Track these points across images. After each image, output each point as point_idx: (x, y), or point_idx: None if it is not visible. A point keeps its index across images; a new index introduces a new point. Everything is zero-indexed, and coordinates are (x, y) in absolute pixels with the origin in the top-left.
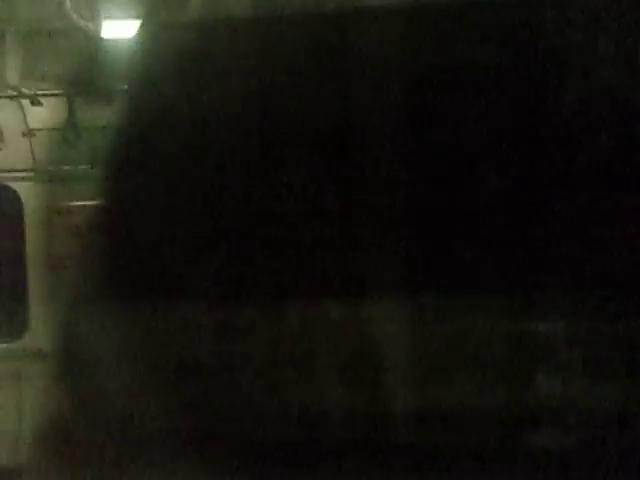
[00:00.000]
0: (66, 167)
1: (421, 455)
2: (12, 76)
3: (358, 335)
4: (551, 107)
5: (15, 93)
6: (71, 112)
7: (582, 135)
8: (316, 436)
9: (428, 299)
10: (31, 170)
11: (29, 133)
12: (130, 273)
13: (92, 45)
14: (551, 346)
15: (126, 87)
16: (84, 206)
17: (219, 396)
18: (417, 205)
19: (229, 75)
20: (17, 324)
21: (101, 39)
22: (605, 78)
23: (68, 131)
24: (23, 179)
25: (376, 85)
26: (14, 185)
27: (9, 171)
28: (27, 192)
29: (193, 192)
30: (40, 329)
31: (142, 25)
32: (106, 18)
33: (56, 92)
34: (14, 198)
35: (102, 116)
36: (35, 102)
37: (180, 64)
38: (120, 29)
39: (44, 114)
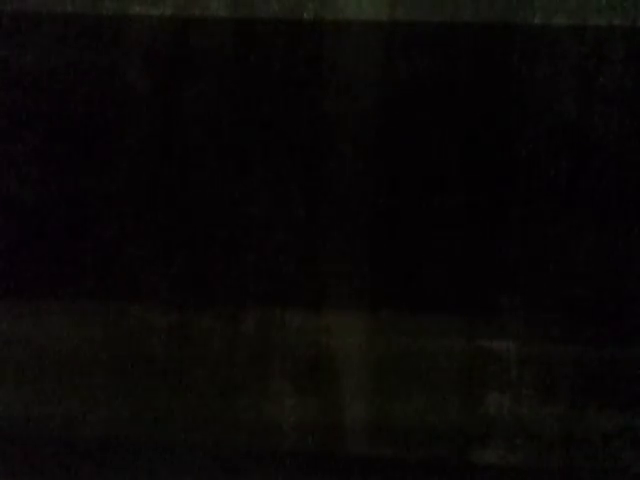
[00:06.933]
0: None
1: (372, 467)
2: None
3: (314, 345)
4: (517, 143)
5: None
6: None
7: (545, 163)
8: (269, 445)
9: (386, 315)
10: None
11: None
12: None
13: None
14: (502, 366)
15: None
16: None
17: (171, 400)
18: (381, 223)
19: None
20: None
21: None
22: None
23: None
24: None
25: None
26: None
27: None
28: None
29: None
30: None
31: None
32: None
33: None
34: None
35: None
36: None
37: None
38: None
39: None
